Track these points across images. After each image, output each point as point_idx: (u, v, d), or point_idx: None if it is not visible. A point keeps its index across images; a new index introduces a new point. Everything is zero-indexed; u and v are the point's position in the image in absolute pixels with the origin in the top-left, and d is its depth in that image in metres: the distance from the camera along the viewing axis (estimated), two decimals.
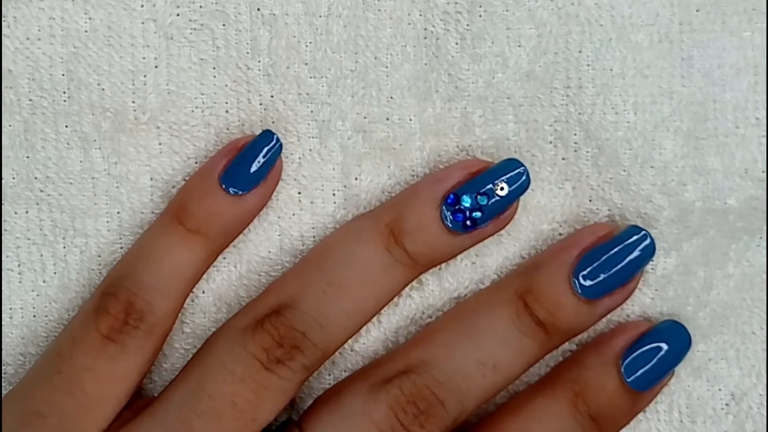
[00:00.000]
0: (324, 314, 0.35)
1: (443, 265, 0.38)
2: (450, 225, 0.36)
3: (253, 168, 0.36)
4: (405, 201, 0.36)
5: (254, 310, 0.35)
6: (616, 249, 0.36)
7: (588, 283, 0.36)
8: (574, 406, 0.36)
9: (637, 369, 0.36)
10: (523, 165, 0.36)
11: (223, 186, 0.36)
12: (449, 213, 0.36)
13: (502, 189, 0.36)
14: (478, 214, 0.36)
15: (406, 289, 0.38)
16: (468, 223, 0.36)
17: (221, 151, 0.36)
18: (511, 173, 0.36)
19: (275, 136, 0.36)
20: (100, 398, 0.34)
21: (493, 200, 0.36)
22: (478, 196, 0.36)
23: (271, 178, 0.36)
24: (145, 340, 0.35)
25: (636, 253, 0.36)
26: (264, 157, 0.36)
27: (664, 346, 0.36)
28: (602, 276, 0.36)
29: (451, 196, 0.36)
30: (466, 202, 0.36)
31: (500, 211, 0.36)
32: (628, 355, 0.36)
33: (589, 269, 0.36)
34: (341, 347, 0.36)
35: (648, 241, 0.36)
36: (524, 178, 0.36)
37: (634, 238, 0.36)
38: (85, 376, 0.34)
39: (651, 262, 0.38)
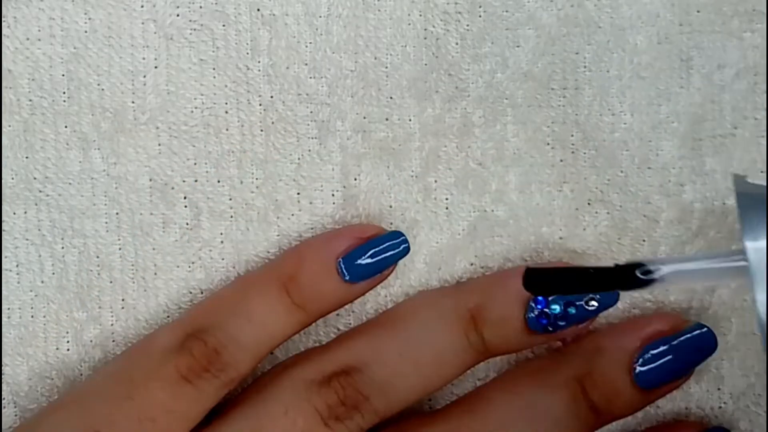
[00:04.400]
0: (391, 384, 0.35)
1: (443, 265, 0.38)
2: (531, 325, 0.36)
3: (374, 263, 0.36)
4: (492, 289, 0.36)
5: (322, 365, 0.36)
6: (679, 343, 0.36)
7: (648, 375, 0.36)
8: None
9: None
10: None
11: (340, 270, 0.36)
12: (534, 315, 0.36)
13: (592, 304, 0.36)
14: (563, 323, 0.36)
15: (407, 289, 0.38)
16: (550, 328, 0.36)
17: (346, 231, 0.37)
18: None
19: (403, 238, 0.37)
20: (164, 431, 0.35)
21: (579, 312, 0.36)
22: (569, 307, 0.36)
23: (383, 274, 0.37)
24: (219, 389, 0.35)
25: (698, 353, 0.36)
26: (386, 254, 0.36)
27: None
28: (663, 371, 0.36)
29: (542, 300, 0.36)
30: (555, 309, 0.36)
31: (581, 321, 0.36)
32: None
33: (651, 365, 0.36)
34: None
35: (711, 340, 0.36)
36: None
37: (697, 333, 0.36)
38: (157, 410, 0.35)
39: None
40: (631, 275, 0.27)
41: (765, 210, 0.26)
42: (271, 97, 0.38)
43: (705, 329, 0.36)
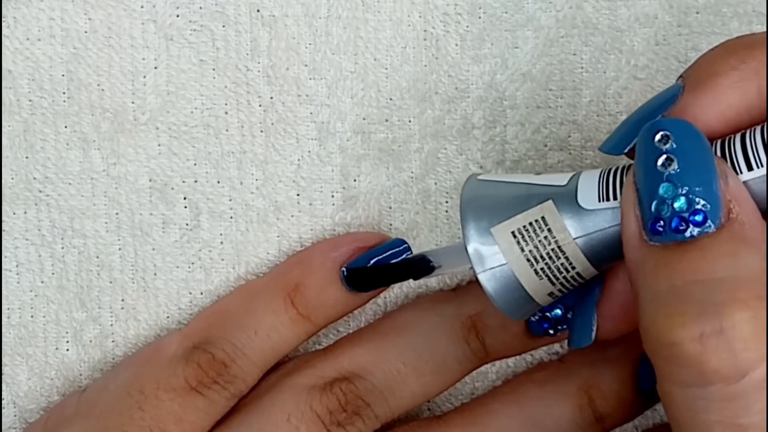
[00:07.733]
0: (392, 391, 0.36)
1: None
2: (532, 329, 0.36)
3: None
4: None
5: (324, 371, 0.36)
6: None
7: (650, 384, 0.36)
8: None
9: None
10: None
11: (343, 279, 0.36)
12: (536, 319, 0.36)
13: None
14: (564, 326, 0.36)
15: (408, 290, 0.38)
16: (551, 331, 0.36)
17: (349, 239, 0.37)
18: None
19: (405, 246, 0.36)
20: None
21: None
22: (569, 311, 0.35)
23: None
24: (229, 400, 0.36)
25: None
26: (389, 262, 0.36)
27: None
28: None
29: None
30: (557, 314, 0.35)
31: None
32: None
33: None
34: None
35: None
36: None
37: None
38: (168, 421, 0.35)
39: None
40: (425, 265, 0.34)
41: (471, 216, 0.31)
42: (271, 98, 0.38)
43: None
